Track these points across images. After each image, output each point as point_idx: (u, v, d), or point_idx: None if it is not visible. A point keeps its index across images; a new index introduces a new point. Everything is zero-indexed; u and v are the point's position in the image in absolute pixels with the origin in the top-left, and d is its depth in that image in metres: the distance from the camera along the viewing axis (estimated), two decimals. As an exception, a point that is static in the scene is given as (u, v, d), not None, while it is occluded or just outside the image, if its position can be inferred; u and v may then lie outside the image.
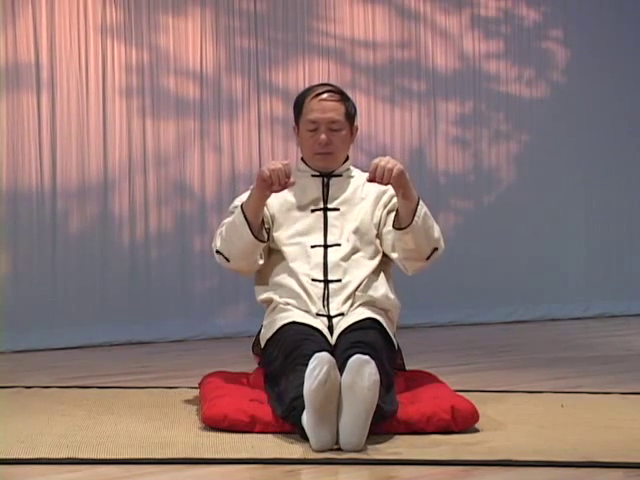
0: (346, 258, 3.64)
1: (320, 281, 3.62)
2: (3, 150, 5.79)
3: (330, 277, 3.62)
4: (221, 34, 6.42)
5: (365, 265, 3.65)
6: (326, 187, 3.72)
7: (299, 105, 3.72)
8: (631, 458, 2.97)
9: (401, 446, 3.12)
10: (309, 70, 6.67)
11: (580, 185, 7.49)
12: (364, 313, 3.55)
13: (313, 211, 3.70)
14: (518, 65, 7.36)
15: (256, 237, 3.55)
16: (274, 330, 3.56)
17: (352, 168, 3.82)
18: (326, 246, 3.65)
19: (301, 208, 3.71)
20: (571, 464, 2.91)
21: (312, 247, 3.65)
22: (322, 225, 3.68)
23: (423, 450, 3.07)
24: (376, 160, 3.45)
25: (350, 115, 3.70)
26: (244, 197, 3.69)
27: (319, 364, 3.01)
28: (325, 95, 3.68)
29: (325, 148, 3.67)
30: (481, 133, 7.24)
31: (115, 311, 6.04)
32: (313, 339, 3.44)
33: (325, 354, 3.05)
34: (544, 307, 7.27)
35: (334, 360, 3.05)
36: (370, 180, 3.44)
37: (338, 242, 3.66)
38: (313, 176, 3.74)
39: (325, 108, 3.65)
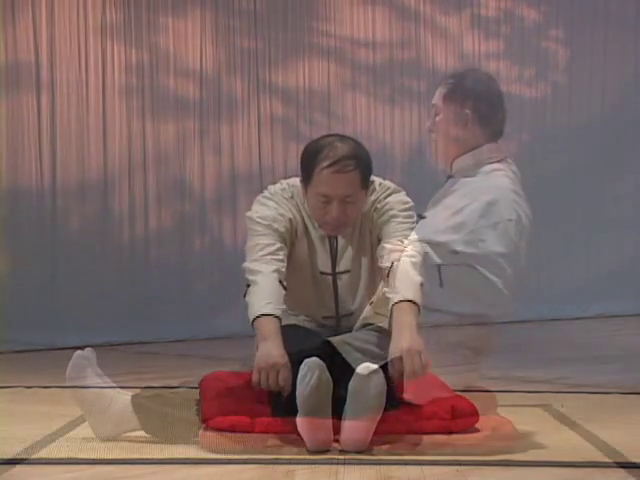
0: (358, 312, 3.56)
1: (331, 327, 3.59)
2: (3, 150, 5.79)
3: (341, 315, 3.56)
4: (221, 34, 6.42)
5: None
6: (335, 241, 3.46)
7: (307, 170, 3.32)
8: (631, 458, 2.96)
9: (401, 446, 3.12)
10: (309, 70, 6.66)
11: (580, 185, 7.48)
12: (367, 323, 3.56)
13: (322, 273, 3.49)
14: (518, 65, 7.35)
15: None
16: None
17: None
18: (337, 305, 3.52)
19: (310, 270, 3.49)
20: (571, 464, 2.91)
21: (323, 318, 3.54)
22: (332, 291, 3.51)
23: (423, 450, 3.07)
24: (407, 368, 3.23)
25: (365, 179, 3.34)
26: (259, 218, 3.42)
27: (310, 370, 3.00)
28: (337, 167, 3.26)
29: (337, 221, 3.36)
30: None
31: (115, 311, 6.03)
32: (310, 339, 3.43)
33: (315, 359, 3.03)
34: (544, 307, 7.26)
35: (324, 364, 3.04)
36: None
37: (351, 310, 3.52)
38: (321, 236, 3.46)
39: (338, 183, 3.27)
